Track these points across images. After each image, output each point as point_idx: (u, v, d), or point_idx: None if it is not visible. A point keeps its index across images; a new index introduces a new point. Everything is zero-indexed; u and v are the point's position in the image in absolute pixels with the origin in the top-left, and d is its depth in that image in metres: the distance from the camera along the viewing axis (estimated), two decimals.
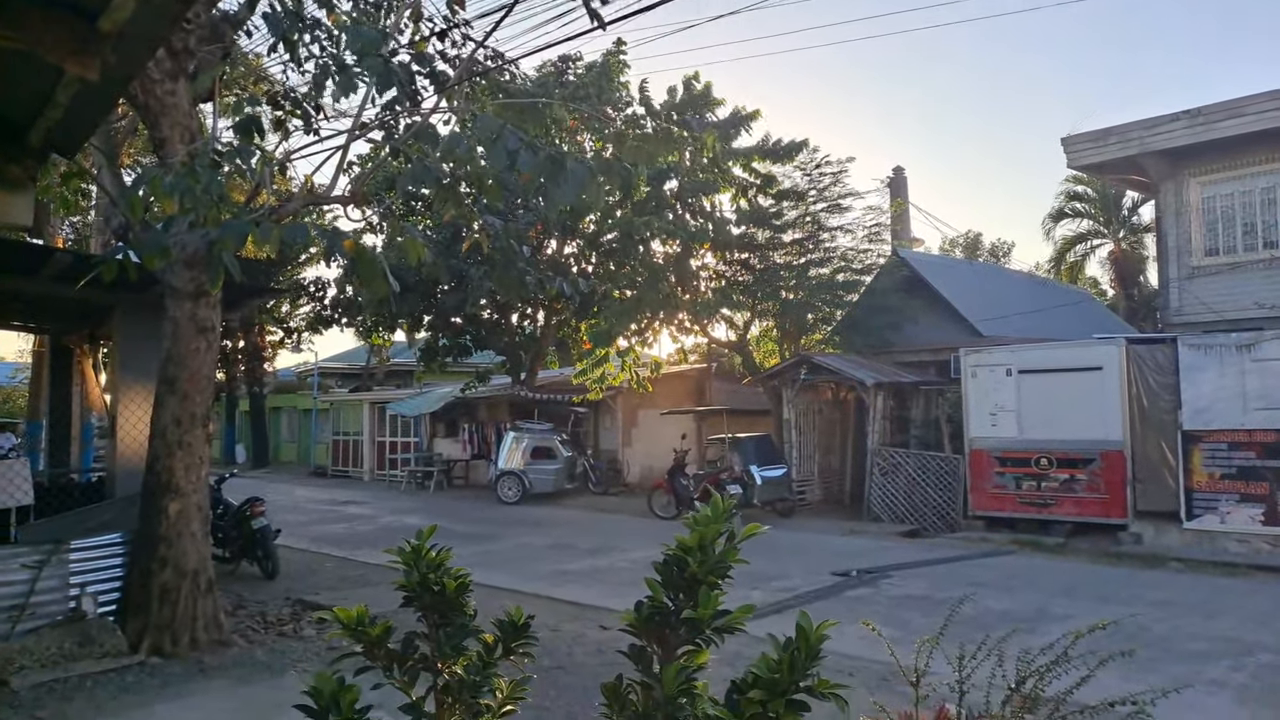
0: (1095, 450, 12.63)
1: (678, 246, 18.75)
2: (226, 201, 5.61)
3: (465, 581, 2.02)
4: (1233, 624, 7.92)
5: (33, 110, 4.94)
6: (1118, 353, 12.67)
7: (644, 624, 1.72)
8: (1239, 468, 11.53)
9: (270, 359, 34.14)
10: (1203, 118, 14.43)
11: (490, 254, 12.08)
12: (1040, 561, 11.48)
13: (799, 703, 1.53)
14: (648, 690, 1.65)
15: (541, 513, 17.31)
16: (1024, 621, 7.73)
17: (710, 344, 21.75)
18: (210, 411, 7.32)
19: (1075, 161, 16.80)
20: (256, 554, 10.12)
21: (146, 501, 6.92)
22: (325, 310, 26.29)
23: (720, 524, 1.72)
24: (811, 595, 9.19)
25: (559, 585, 9.78)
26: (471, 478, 23.90)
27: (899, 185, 24.36)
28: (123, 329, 8.14)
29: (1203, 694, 5.93)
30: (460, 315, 21.55)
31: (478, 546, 12.66)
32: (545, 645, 7.06)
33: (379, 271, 5.21)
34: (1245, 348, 11.63)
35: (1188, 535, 11.80)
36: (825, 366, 16.61)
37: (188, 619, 6.83)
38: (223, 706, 5.59)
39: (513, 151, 5.31)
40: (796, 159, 18.20)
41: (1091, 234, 31.46)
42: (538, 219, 18.75)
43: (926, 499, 14.61)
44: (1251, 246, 14.77)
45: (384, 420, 26.96)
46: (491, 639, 2.06)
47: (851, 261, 19.86)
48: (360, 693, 1.76)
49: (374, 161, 9.38)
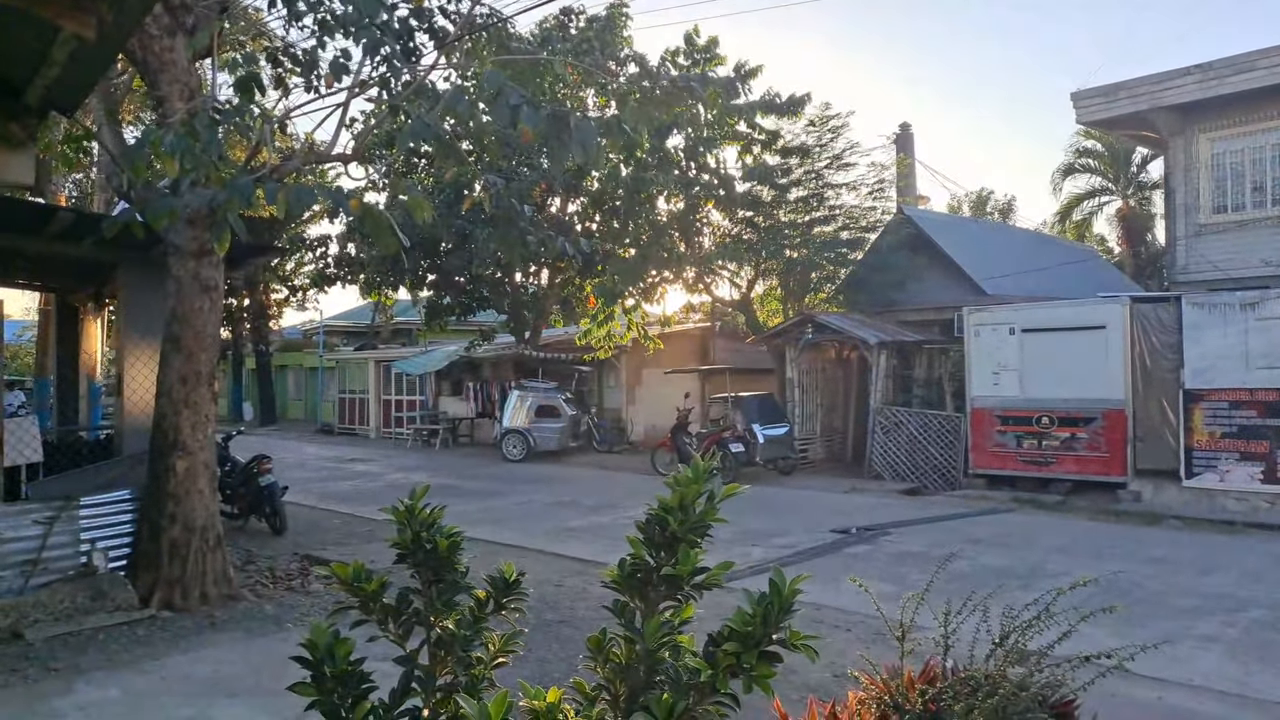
0: (1097, 409, 12.67)
1: (682, 204, 18.65)
2: (227, 160, 5.61)
3: (457, 540, 2.07)
4: (1227, 581, 8.01)
5: (30, 68, 4.93)
6: (1121, 311, 12.65)
7: (626, 580, 1.77)
8: (1240, 426, 11.57)
9: (275, 317, 34.22)
10: (1214, 72, 14.23)
11: (493, 213, 12.05)
12: (1039, 519, 11.58)
13: (771, 654, 1.58)
14: (630, 644, 1.71)
15: (546, 470, 17.47)
16: (1020, 578, 7.84)
17: (714, 303, 21.75)
18: (215, 370, 7.37)
19: (1084, 117, 16.60)
20: (264, 510, 10.26)
21: (154, 459, 7.01)
22: (329, 267, 26.26)
23: (700, 484, 1.77)
24: (811, 552, 9.31)
25: (563, 541, 9.92)
26: (477, 436, 24.07)
27: (905, 142, 24.13)
28: (127, 287, 8.16)
29: (1195, 649, 6.03)
30: (464, 274, 21.53)
31: (483, 503, 12.81)
32: (548, 600, 7.19)
33: (387, 228, 5.22)
34: (1249, 306, 11.60)
35: (1187, 493, 11.88)
36: (829, 325, 16.61)
37: (197, 574, 6.95)
38: (233, 658, 5.72)
39: (514, 108, 5.27)
40: (800, 113, 17.99)
41: (1100, 191, 31.16)
42: (541, 178, 18.64)
43: (928, 457, 14.70)
44: (1260, 204, 14.64)
45: (389, 378, 27.10)
46: (484, 595, 2.12)
47: (856, 219, 19.76)
48: (355, 645, 1.82)
49: (375, 119, 9.31)
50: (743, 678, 1.57)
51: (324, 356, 32.55)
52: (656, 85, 6.65)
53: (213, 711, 4.73)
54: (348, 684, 1.77)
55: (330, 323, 36.95)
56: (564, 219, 20.80)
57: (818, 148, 19.15)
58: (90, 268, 9.09)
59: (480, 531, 10.27)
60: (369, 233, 5.05)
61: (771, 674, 1.60)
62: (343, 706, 1.74)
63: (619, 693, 1.69)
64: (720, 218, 19.83)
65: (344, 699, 1.76)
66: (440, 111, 6.11)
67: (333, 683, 1.76)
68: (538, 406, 19.87)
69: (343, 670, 1.76)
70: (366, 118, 17.31)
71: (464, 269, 20.75)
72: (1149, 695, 5.12)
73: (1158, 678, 5.37)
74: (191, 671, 5.46)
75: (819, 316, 17.14)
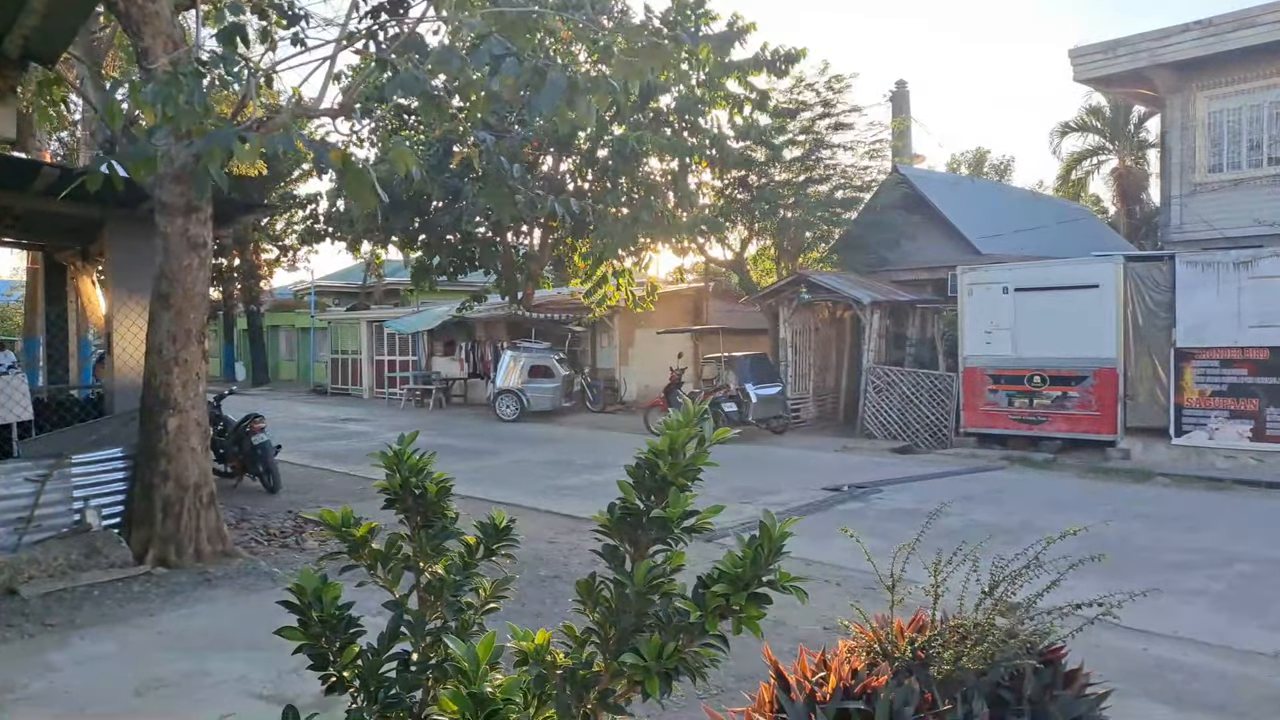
0: (1089, 368, 12.71)
1: (674, 164, 18.47)
2: (212, 113, 5.52)
3: (447, 485, 2.07)
4: (1214, 537, 8.10)
5: (8, 17, 4.82)
6: (1115, 270, 12.63)
7: (616, 524, 1.77)
8: (1230, 385, 11.62)
9: (267, 277, 34.00)
10: (1213, 28, 14.07)
11: (483, 170, 11.93)
12: (1030, 476, 11.67)
13: (761, 595, 1.59)
14: (620, 587, 1.71)
15: (539, 430, 17.51)
16: (1009, 534, 7.91)
17: (708, 263, 21.66)
18: (206, 328, 7.33)
19: (1082, 75, 16.43)
20: (258, 469, 10.27)
21: (145, 417, 6.99)
22: (317, 223, 26.02)
23: (690, 429, 1.76)
24: (803, 509, 9.37)
25: (556, 499, 9.96)
26: (470, 396, 24.09)
27: (901, 100, 23.90)
28: (114, 245, 8.08)
29: (1180, 602, 6.11)
30: (454, 233, 21.36)
31: (477, 462, 12.85)
32: (542, 556, 7.24)
33: (367, 183, 5.16)
34: (1243, 265, 11.59)
35: (1176, 451, 11.97)
36: (822, 285, 16.58)
37: (191, 531, 6.97)
38: (227, 613, 5.76)
39: (497, 57, 5.18)
40: (794, 70, 17.73)
41: (1098, 150, 31.01)
42: (533, 135, 18.42)
43: (920, 416, 14.77)
44: (1256, 163, 14.57)
45: (382, 339, 27.04)
46: (474, 541, 2.12)
47: (851, 179, 19.62)
48: (342, 590, 1.83)
49: (363, 73, 9.16)
50: (732, 619, 1.58)
51: (316, 317, 32.42)
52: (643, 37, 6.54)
53: (209, 665, 4.76)
54: (335, 629, 1.77)
55: (322, 283, 36.74)
56: (556, 178, 20.59)
57: (818, 104, 18.95)
58: (78, 225, 8.99)
59: (474, 490, 10.30)
60: (348, 187, 4.99)
61: (760, 615, 1.60)
62: (330, 650, 1.75)
63: (608, 635, 1.69)
64: (713, 178, 19.66)
65: (331, 643, 1.76)
66: (430, 66, 6.01)
67: (320, 627, 1.76)
68: (531, 366, 19.87)
69: (330, 615, 1.77)
70: (354, 71, 17.07)
71: (454, 227, 20.58)
72: (1135, 647, 5.20)
73: (1144, 630, 5.45)
74: (187, 626, 5.50)
75: (812, 276, 17.09)
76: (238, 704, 4.22)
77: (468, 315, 22.87)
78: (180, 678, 4.59)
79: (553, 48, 16.96)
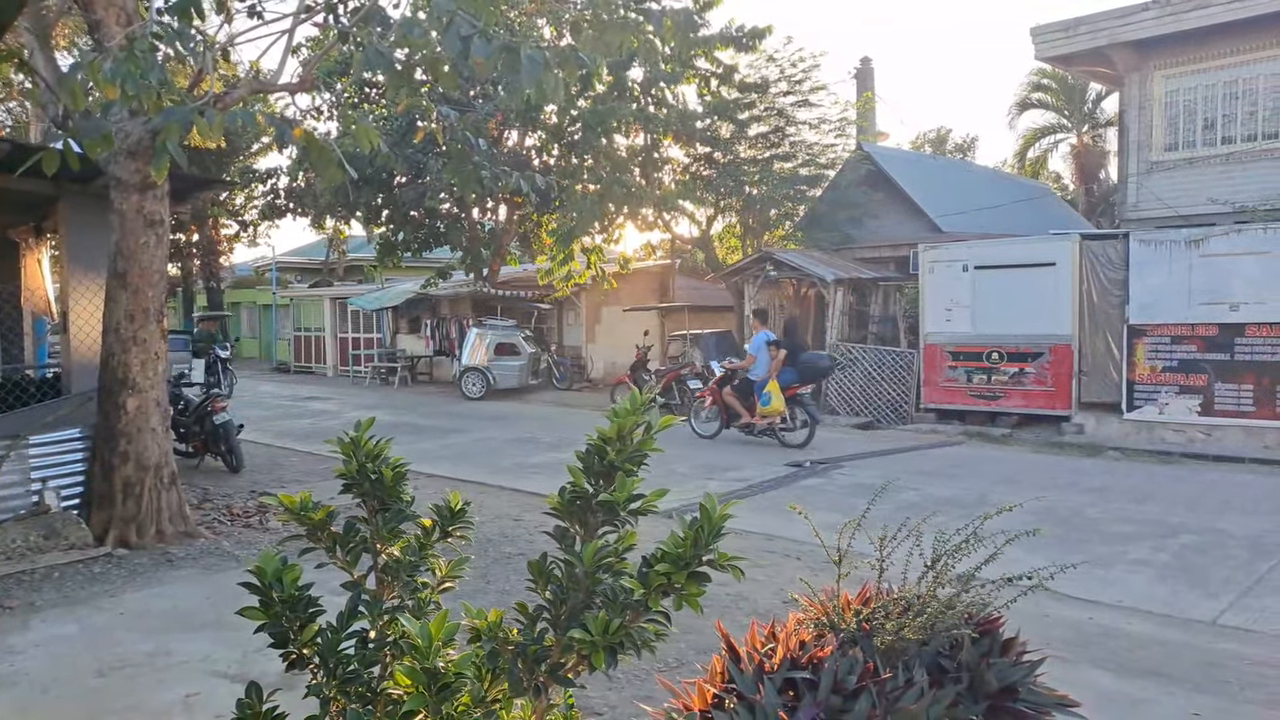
0: (1045, 344, 12.98)
1: (641, 139, 18.44)
2: (169, 88, 5.44)
3: (402, 470, 2.12)
4: (1161, 509, 8.36)
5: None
6: (1071, 248, 12.88)
7: (567, 507, 1.84)
8: (1180, 361, 11.94)
9: (226, 253, 33.47)
10: (1171, 8, 14.30)
11: (447, 146, 11.84)
12: (986, 451, 11.93)
13: (700, 574, 1.67)
14: (570, 567, 1.78)
15: (505, 408, 17.52)
16: (965, 507, 8.11)
17: (674, 240, 21.70)
18: (165, 307, 7.25)
19: (1044, 53, 16.63)
20: (220, 449, 10.19)
21: (104, 397, 6.92)
22: (278, 199, 25.61)
23: (638, 416, 1.82)
24: (765, 485, 9.52)
25: (522, 478, 10.01)
26: (435, 374, 23.99)
27: (865, 77, 23.99)
28: (69, 222, 7.93)
29: (1126, 572, 6.33)
30: (419, 209, 21.17)
31: (442, 440, 12.85)
32: (508, 534, 7.30)
33: (332, 159, 5.14)
34: (1194, 243, 11.87)
35: (1127, 426, 12.29)
36: (787, 263, 16.70)
37: (152, 512, 6.93)
38: (190, 593, 5.76)
39: (466, 39, 5.17)
40: (761, 46, 17.75)
41: (1056, 127, 31.39)
42: (497, 109, 18.26)
43: (881, 393, 14.99)
44: (1210, 142, 14.88)
45: (346, 316, 26.78)
46: (429, 523, 2.18)
47: (816, 156, 19.72)
48: (302, 571, 1.87)
49: (323, 46, 9.04)
50: (674, 596, 1.66)
51: (277, 293, 31.99)
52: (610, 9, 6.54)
53: (172, 645, 4.78)
54: (295, 608, 1.83)
55: (283, 259, 36.22)
56: (521, 153, 20.46)
57: (781, 80, 18.99)
58: (30, 201, 8.80)
59: (440, 468, 10.33)
60: (313, 164, 4.96)
61: (700, 593, 1.68)
62: (291, 629, 1.80)
63: (559, 613, 1.76)
64: (680, 153, 19.66)
65: (292, 622, 1.82)
66: (394, 39, 5.96)
67: (281, 607, 1.81)
68: (497, 344, 19.83)
69: (290, 595, 1.82)
70: (314, 45, 16.79)
71: (418, 202, 20.40)
72: (1081, 616, 5.39)
73: (1091, 599, 5.65)
74: (149, 607, 5.49)
75: (778, 253, 17.21)
76: (202, 683, 4.24)
77: (432, 292, 22.74)
78: (143, 658, 4.60)
79: (515, 20, 16.79)
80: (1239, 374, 11.52)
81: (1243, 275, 11.48)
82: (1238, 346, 11.52)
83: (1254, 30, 13.83)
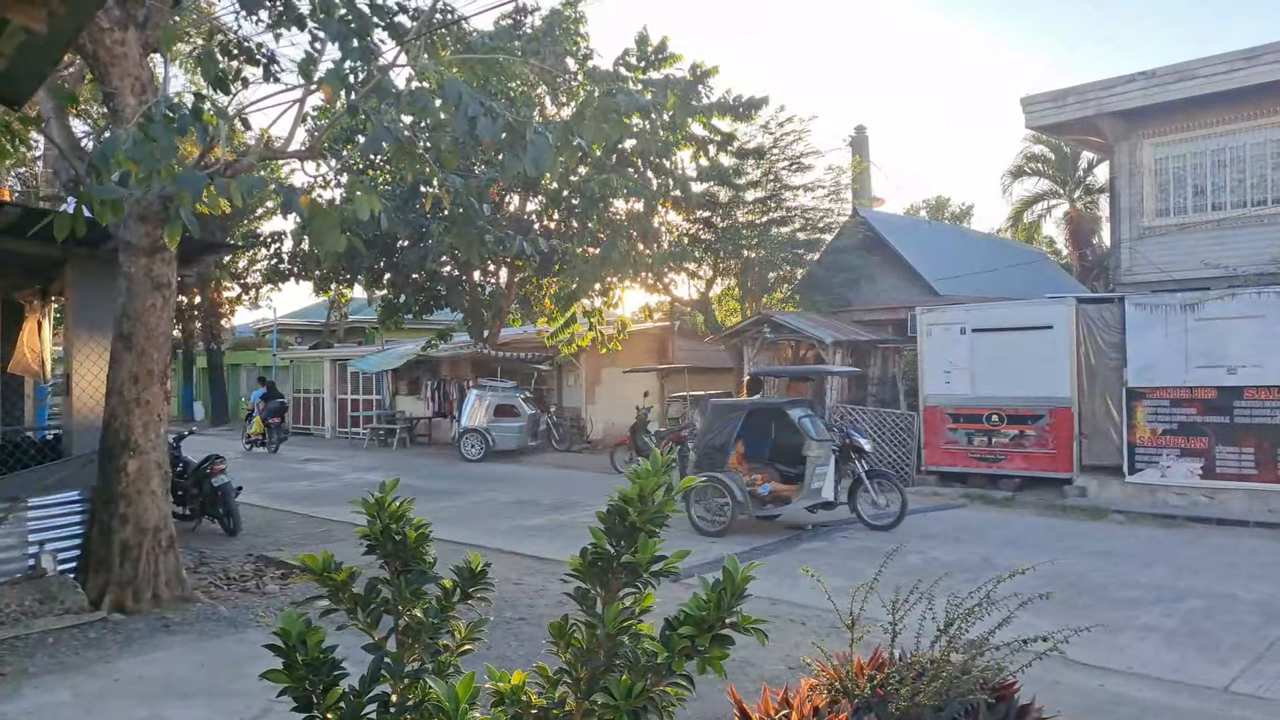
0: (1044, 407, 13.00)
1: (640, 205, 18.73)
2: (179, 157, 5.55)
3: (425, 531, 2.13)
4: (1167, 573, 8.29)
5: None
6: (1068, 312, 12.99)
7: (588, 568, 1.84)
8: (1180, 423, 11.95)
9: (228, 315, 33.60)
10: (1156, 79, 14.66)
11: (451, 211, 12.05)
12: (989, 514, 11.86)
13: (724, 637, 1.67)
14: (591, 629, 1.78)
15: (505, 470, 17.43)
16: (969, 571, 8.04)
17: (673, 302, 21.88)
18: (168, 369, 7.28)
19: (1034, 122, 16.99)
20: (218, 511, 10.12)
21: (105, 459, 6.90)
22: (282, 263, 25.82)
23: (659, 477, 1.84)
24: (768, 548, 9.45)
25: (522, 540, 9.93)
26: (434, 435, 23.91)
27: (861, 144, 24.48)
28: (76, 285, 8.00)
29: (1135, 638, 6.25)
30: (420, 272, 21.36)
31: (441, 502, 12.76)
32: (508, 598, 7.22)
33: (334, 226, 5.22)
34: (1189, 307, 11.98)
35: (1129, 489, 12.24)
36: (786, 325, 16.82)
37: (149, 576, 6.86)
38: (187, 660, 5.67)
39: (473, 118, 5.33)
40: (758, 115, 18.16)
41: (1049, 194, 31.94)
42: (499, 175, 18.58)
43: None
44: (1201, 208, 15.12)
45: (345, 377, 26.80)
46: (450, 584, 2.17)
47: (813, 220, 20.02)
48: (326, 633, 1.87)
49: (331, 116, 9.25)
50: (697, 659, 1.65)
51: (277, 355, 32.06)
52: (612, 100, 6.73)
53: (167, 713, 4.69)
54: (319, 671, 1.81)
55: (284, 320, 36.39)
56: (522, 218, 20.74)
57: (774, 149, 19.37)
58: (38, 264, 8.89)
59: (439, 531, 10.10)
60: (315, 233, 5.05)
61: (724, 656, 1.68)
62: (314, 693, 1.78)
63: (580, 675, 1.75)
64: (678, 218, 19.94)
65: (315, 686, 1.80)
66: (402, 110, 6.12)
67: (304, 670, 1.80)
68: (496, 406, 19.82)
69: (315, 658, 1.80)
70: (322, 114, 17.13)
71: (420, 266, 20.59)
72: (1092, 683, 5.31)
73: (1100, 666, 5.57)
74: (144, 673, 5.40)
75: (776, 316, 17.33)
76: None
77: (433, 354, 22.81)
78: None
79: (517, 90, 17.17)
80: (1240, 437, 11.52)
81: (1239, 338, 11.57)
82: (1237, 409, 11.55)
83: (1239, 101, 14.17)
